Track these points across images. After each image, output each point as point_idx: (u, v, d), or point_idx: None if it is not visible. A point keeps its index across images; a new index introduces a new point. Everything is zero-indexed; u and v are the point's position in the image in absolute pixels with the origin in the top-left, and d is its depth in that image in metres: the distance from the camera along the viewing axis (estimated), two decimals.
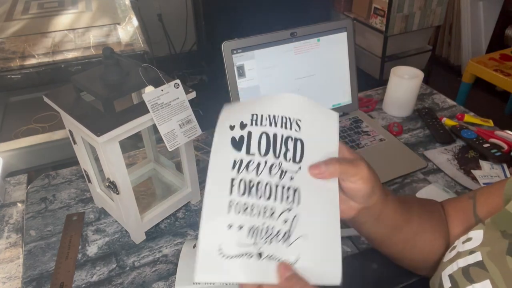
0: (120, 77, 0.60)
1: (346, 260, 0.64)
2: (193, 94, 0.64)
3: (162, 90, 0.60)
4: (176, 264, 0.65)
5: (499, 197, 0.48)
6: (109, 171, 0.61)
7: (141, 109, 0.59)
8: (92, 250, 0.68)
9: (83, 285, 0.63)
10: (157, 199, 0.76)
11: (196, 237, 0.71)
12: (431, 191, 0.78)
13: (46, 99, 0.63)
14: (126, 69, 0.62)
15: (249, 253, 0.38)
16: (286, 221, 0.40)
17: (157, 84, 0.61)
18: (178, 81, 0.62)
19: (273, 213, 0.39)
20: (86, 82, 0.61)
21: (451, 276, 0.42)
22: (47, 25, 1.49)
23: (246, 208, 0.39)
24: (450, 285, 0.42)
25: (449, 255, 0.45)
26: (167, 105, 0.61)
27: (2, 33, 1.43)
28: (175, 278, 0.63)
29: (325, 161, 0.43)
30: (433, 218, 0.54)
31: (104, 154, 0.59)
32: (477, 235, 0.44)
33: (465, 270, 0.41)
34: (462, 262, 0.42)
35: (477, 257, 0.41)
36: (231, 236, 0.38)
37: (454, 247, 0.45)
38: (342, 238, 0.69)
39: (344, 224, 0.47)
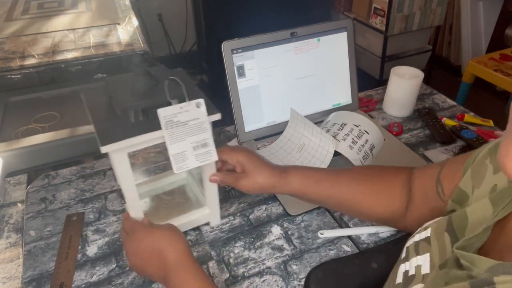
0: (147, 88, 0.57)
1: (346, 260, 0.64)
2: (217, 116, 0.59)
3: (181, 108, 0.56)
4: None
5: (461, 170, 0.51)
6: (118, 180, 0.60)
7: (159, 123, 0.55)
8: (92, 250, 0.68)
9: (83, 285, 0.63)
10: (175, 212, 0.71)
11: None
12: None
13: (81, 95, 0.61)
14: (156, 79, 0.59)
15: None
16: None
17: (182, 99, 0.57)
18: (201, 100, 0.57)
19: None
20: (115, 86, 0.59)
21: (407, 248, 0.47)
22: (47, 25, 1.49)
23: None
24: (405, 255, 0.47)
25: (418, 230, 0.50)
26: (184, 124, 0.56)
27: (2, 33, 1.43)
28: None
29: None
30: (371, 186, 0.63)
31: (112, 162, 0.57)
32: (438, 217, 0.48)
33: (416, 244, 0.45)
34: (417, 237, 0.46)
35: (427, 233, 0.45)
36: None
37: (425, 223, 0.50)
38: (342, 238, 0.69)
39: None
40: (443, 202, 0.54)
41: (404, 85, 0.97)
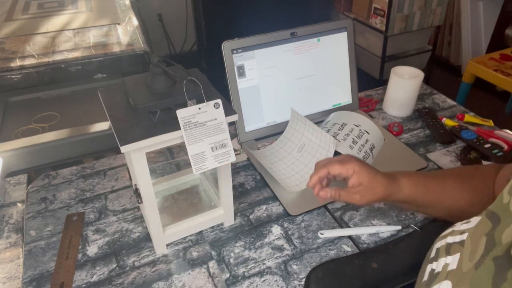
0: (164, 88, 0.58)
1: (346, 260, 0.64)
2: (235, 117, 0.59)
3: (199, 109, 0.56)
4: (175, 264, 0.65)
5: None
6: (135, 179, 0.60)
7: (178, 123, 0.56)
8: (92, 250, 0.68)
9: (83, 285, 0.63)
10: (189, 212, 0.72)
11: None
12: None
13: (99, 93, 0.61)
14: (173, 79, 0.59)
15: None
16: None
17: (199, 99, 0.57)
18: (219, 101, 0.57)
19: None
20: (132, 86, 0.59)
21: (437, 249, 0.46)
22: (47, 25, 1.49)
23: None
24: (434, 255, 0.46)
25: (447, 231, 0.48)
26: (202, 125, 0.56)
27: (2, 33, 1.43)
28: (175, 278, 0.63)
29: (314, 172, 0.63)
30: (470, 186, 0.61)
31: (130, 161, 0.57)
32: (475, 220, 0.46)
33: (449, 246, 0.44)
34: (451, 239, 0.45)
35: (463, 237, 0.44)
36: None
37: (453, 226, 0.48)
38: (342, 238, 0.69)
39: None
40: None
41: (404, 85, 0.97)
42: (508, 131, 0.92)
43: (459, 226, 0.47)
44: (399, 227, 0.70)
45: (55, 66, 1.25)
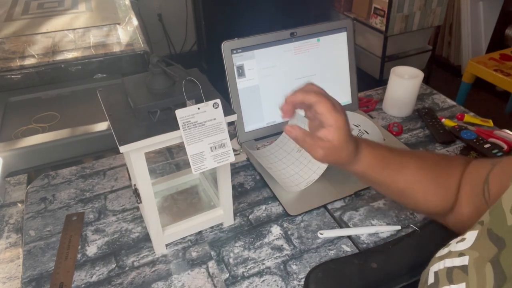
0: (164, 88, 0.58)
1: (346, 260, 0.64)
2: (234, 117, 0.59)
3: (198, 109, 0.56)
4: (175, 264, 0.65)
5: (508, 176, 0.46)
6: (134, 179, 0.60)
7: (177, 123, 0.56)
8: (91, 250, 0.68)
9: (83, 285, 0.63)
10: (189, 212, 0.72)
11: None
12: None
13: (98, 93, 0.61)
14: (172, 79, 0.59)
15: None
16: None
17: (198, 99, 0.57)
18: (218, 100, 0.57)
19: None
20: (131, 86, 0.59)
21: (436, 273, 0.43)
22: (47, 25, 1.49)
23: None
24: (433, 281, 0.43)
25: (442, 251, 0.46)
26: (201, 125, 0.56)
27: (2, 33, 1.43)
28: (174, 278, 0.63)
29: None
30: (431, 174, 0.59)
31: (129, 161, 0.57)
32: (470, 236, 0.43)
33: (449, 271, 0.41)
34: (449, 263, 0.42)
35: (464, 260, 0.40)
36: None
37: (448, 245, 0.46)
38: (342, 238, 0.69)
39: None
40: (487, 206, 0.49)
41: (404, 85, 0.97)
42: (508, 131, 0.92)
43: (455, 245, 0.44)
44: (399, 227, 0.70)
45: (55, 66, 1.25)
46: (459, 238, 0.45)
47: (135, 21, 1.53)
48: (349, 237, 0.70)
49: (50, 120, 1.19)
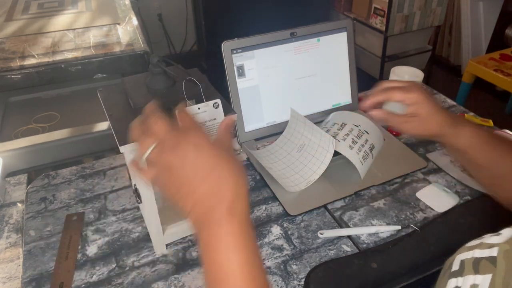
0: (164, 88, 0.58)
1: (346, 260, 0.64)
2: (234, 117, 0.59)
3: (199, 109, 0.56)
4: (175, 264, 0.65)
5: None
6: (135, 179, 0.60)
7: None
8: (91, 250, 0.68)
9: (83, 285, 0.63)
10: None
11: None
12: (431, 191, 0.78)
13: (98, 93, 0.61)
14: (173, 79, 0.59)
15: None
16: None
17: (199, 99, 0.57)
18: (218, 100, 0.57)
19: None
20: (131, 86, 0.59)
21: (462, 262, 0.42)
22: (47, 25, 1.49)
23: None
24: (457, 268, 0.42)
25: (473, 242, 0.45)
26: (201, 125, 0.56)
27: (2, 33, 1.43)
28: (174, 278, 0.63)
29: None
30: None
31: (128, 161, 0.57)
32: (507, 233, 0.42)
33: (477, 261, 0.41)
34: (479, 253, 0.41)
35: (493, 252, 0.40)
36: None
37: (482, 237, 0.45)
38: (342, 237, 0.69)
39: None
40: None
41: None
42: (508, 131, 0.92)
43: (488, 238, 0.43)
44: (399, 227, 0.70)
45: (55, 66, 1.25)
46: (494, 233, 0.45)
47: (135, 21, 1.53)
48: (349, 237, 0.70)
49: (50, 120, 1.20)
